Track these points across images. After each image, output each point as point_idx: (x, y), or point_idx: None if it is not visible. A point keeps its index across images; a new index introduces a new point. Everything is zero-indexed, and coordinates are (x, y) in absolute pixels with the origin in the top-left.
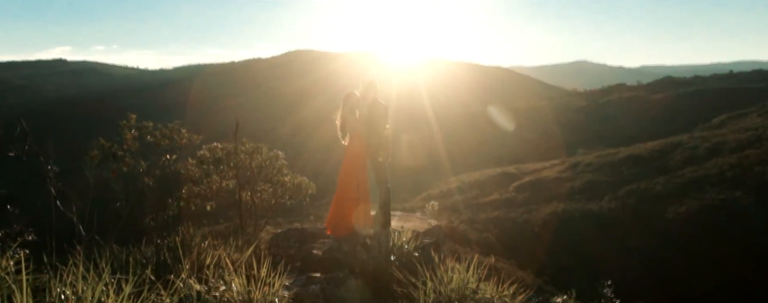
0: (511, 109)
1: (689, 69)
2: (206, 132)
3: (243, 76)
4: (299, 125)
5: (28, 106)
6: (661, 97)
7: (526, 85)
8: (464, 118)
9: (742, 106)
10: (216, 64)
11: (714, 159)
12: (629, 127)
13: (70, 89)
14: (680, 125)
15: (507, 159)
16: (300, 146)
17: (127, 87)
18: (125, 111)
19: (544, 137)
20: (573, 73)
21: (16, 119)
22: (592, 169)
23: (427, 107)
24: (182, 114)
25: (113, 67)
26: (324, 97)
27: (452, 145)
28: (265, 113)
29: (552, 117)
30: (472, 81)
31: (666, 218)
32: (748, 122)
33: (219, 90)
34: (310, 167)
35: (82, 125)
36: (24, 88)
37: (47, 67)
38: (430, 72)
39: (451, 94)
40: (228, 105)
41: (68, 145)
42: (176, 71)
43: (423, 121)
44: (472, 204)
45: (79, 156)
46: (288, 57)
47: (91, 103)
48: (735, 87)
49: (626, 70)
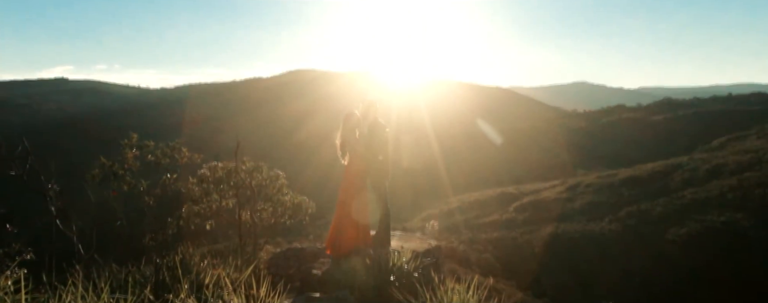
0: (512, 129)
1: (688, 91)
2: (207, 151)
3: (244, 96)
4: (300, 144)
5: (28, 124)
6: (660, 118)
7: (526, 105)
8: (464, 138)
9: (741, 128)
10: (217, 84)
11: (714, 181)
12: (629, 148)
13: (71, 108)
14: (680, 147)
15: (507, 179)
16: (301, 165)
17: (127, 106)
18: (126, 130)
19: (544, 157)
20: (572, 93)
21: (16, 138)
22: (593, 190)
23: (427, 127)
24: (183, 133)
25: (114, 85)
26: (324, 117)
27: (452, 164)
28: (266, 132)
29: (552, 137)
30: (472, 101)
31: (667, 240)
32: (747, 144)
33: (220, 109)
34: (310, 186)
35: (82, 144)
36: (25, 107)
37: (49, 85)
38: (430, 92)
39: (452, 115)
40: (229, 124)
41: (69, 163)
42: (177, 90)
43: (423, 141)
44: (473, 224)
45: (79, 175)
46: (288, 76)
47: (92, 121)
48: (734, 109)
49: (626, 92)
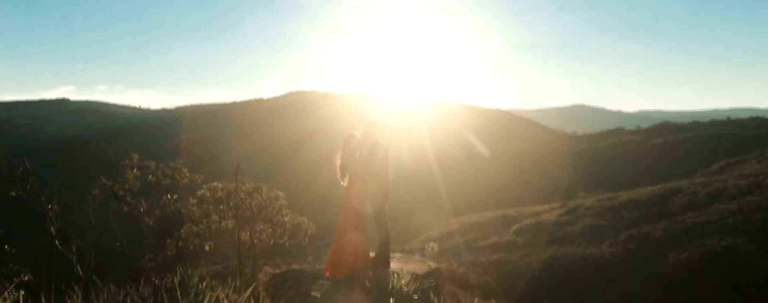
0: (512, 151)
1: (687, 115)
2: (207, 172)
3: (244, 117)
4: (300, 166)
5: (30, 145)
6: (660, 141)
7: (526, 127)
8: (465, 160)
9: (740, 153)
10: (217, 104)
11: (714, 205)
12: (629, 170)
13: (72, 129)
14: (680, 170)
15: (507, 201)
16: (300, 187)
17: (128, 126)
18: (127, 150)
19: (544, 180)
20: (572, 116)
21: (18, 159)
22: (593, 212)
23: (427, 149)
24: (183, 153)
25: (115, 106)
26: (325, 139)
27: (452, 186)
28: (266, 153)
29: (552, 160)
30: (472, 123)
31: (667, 264)
32: (747, 169)
33: (220, 130)
34: (310, 208)
35: (83, 165)
36: (26, 128)
37: (50, 106)
38: (430, 114)
39: (452, 136)
40: (229, 145)
41: (70, 184)
42: (178, 111)
43: (423, 163)
44: (472, 246)
45: (80, 195)
46: (289, 98)
47: (93, 142)
48: (733, 133)
49: (625, 115)
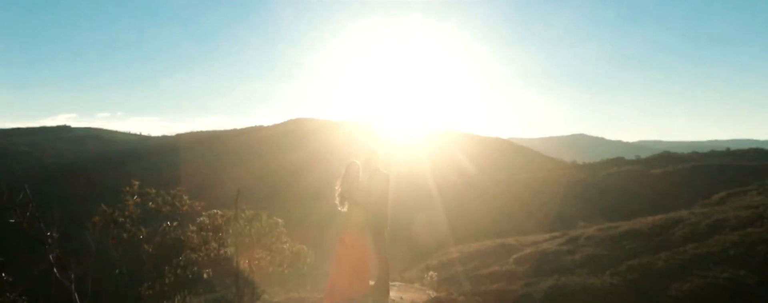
0: (512, 179)
1: (686, 145)
2: (207, 198)
3: (244, 144)
4: (300, 193)
5: (30, 172)
6: (659, 171)
7: (525, 156)
8: (465, 188)
9: (741, 184)
10: (218, 131)
11: (716, 236)
12: (629, 200)
13: (72, 155)
14: (680, 200)
15: (507, 230)
16: (301, 214)
17: (129, 153)
18: (127, 177)
19: (544, 208)
20: (572, 145)
21: (18, 185)
22: (593, 242)
23: (427, 176)
24: (184, 180)
25: (116, 133)
26: (325, 166)
27: (453, 214)
28: (266, 180)
29: (552, 188)
30: (472, 151)
31: (669, 295)
32: (748, 200)
33: (221, 157)
34: (310, 236)
35: (83, 191)
36: (26, 155)
37: (51, 133)
38: (430, 142)
39: (452, 164)
40: (229, 171)
41: (70, 211)
42: (178, 138)
43: (424, 191)
44: (472, 275)
45: (80, 222)
46: (289, 125)
47: (94, 169)
48: (733, 164)
49: (624, 145)
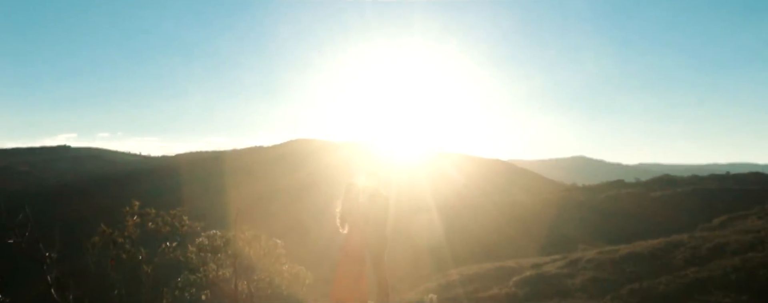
0: (512, 202)
1: (686, 168)
2: (207, 219)
3: (244, 164)
4: (300, 214)
5: (29, 192)
6: (659, 194)
7: (525, 178)
8: (465, 210)
9: (741, 208)
10: (217, 152)
11: (717, 260)
12: (629, 223)
13: (72, 175)
14: (680, 223)
15: (507, 252)
16: (300, 236)
17: (129, 173)
18: (127, 197)
19: (544, 231)
20: (572, 167)
21: (17, 206)
22: (594, 265)
23: (428, 198)
24: (183, 200)
25: (116, 153)
26: (325, 187)
27: (453, 236)
28: (266, 201)
29: (552, 211)
30: (472, 173)
31: None
32: (748, 224)
33: (220, 177)
34: (310, 257)
35: (83, 211)
36: (26, 174)
37: (51, 153)
38: (430, 163)
39: (452, 186)
40: (229, 192)
41: (69, 231)
42: (178, 158)
43: (423, 212)
44: (472, 298)
45: (79, 242)
46: (289, 146)
47: (93, 189)
48: (733, 188)
49: (624, 167)
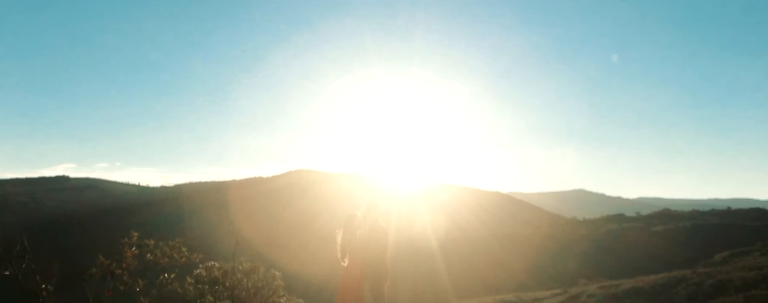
0: (512, 234)
1: (686, 203)
2: (206, 250)
3: (243, 195)
4: (299, 246)
5: (26, 222)
6: (661, 229)
7: (526, 210)
8: (465, 242)
9: (743, 244)
10: (216, 182)
11: (720, 297)
12: (630, 258)
13: (70, 206)
14: (682, 259)
15: (508, 285)
16: (299, 267)
17: (127, 204)
18: (125, 228)
19: (545, 264)
20: (572, 200)
21: (14, 237)
22: (595, 300)
23: (427, 230)
24: (182, 231)
25: (114, 183)
26: (325, 218)
27: (453, 269)
28: (265, 232)
29: (553, 244)
30: (472, 205)
31: None
32: (751, 261)
33: (219, 208)
34: (309, 289)
35: (81, 242)
36: (23, 205)
37: (49, 183)
38: (430, 195)
39: (452, 218)
40: (228, 223)
41: (67, 262)
42: (177, 188)
43: (423, 245)
44: None
45: (78, 273)
46: (288, 177)
47: (92, 219)
48: (734, 223)
49: (625, 201)
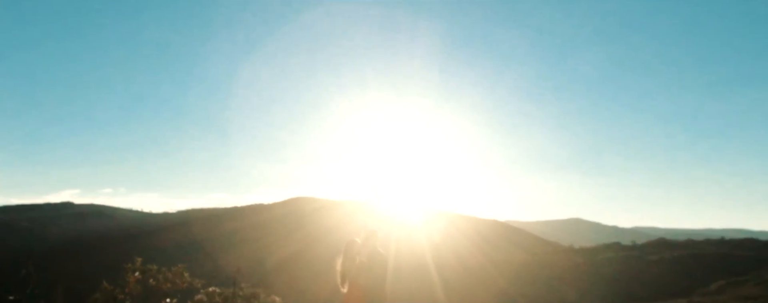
0: (509, 262)
1: (681, 232)
2: (208, 276)
3: (245, 221)
4: (299, 273)
5: (31, 248)
6: (656, 258)
7: (522, 238)
8: (462, 270)
9: (737, 274)
10: (218, 209)
11: None
12: (627, 286)
13: (74, 232)
14: (678, 288)
15: None
16: (300, 294)
17: (130, 229)
18: (127, 254)
19: (542, 292)
20: (568, 229)
21: (19, 262)
22: None
23: (427, 258)
24: (184, 258)
25: (118, 209)
26: (325, 245)
27: (452, 296)
28: (266, 258)
29: (550, 272)
30: (469, 233)
31: None
32: (745, 291)
33: (221, 234)
34: None
35: (84, 268)
36: (27, 231)
37: (54, 209)
38: (429, 223)
39: (450, 246)
40: (230, 249)
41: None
42: (179, 214)
43: (423, 272)
44: None
45: (81, 299)
46: (290, 204)
47: (95, 245)
48: (729, 253)
49: (620, 230)
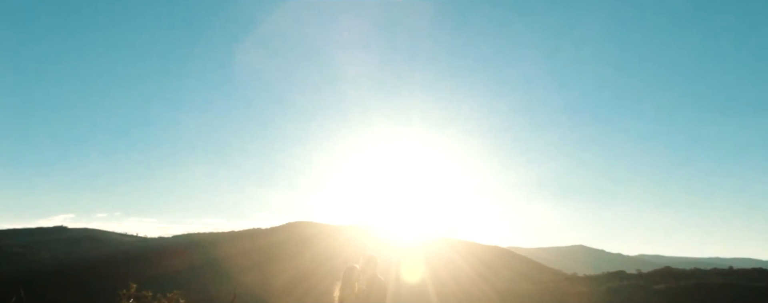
0: (511, 289)
1: (688, 261)
2: (204, 301)
3: (242, 246)
4: (298, 298)
5: (23, 273)
6: (663, 287)
7: (525, 266)
8: (463, 295)
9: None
10: (215, 233)
11: None
12: None
13: (67, 256)
14: None
15: None
16: None
17: (124, 254)
18: (122, 279)
19: None
20: (572, 256)
21: (11, 287)
22: None
23: (427, 284)
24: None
25: (112, 234)
26: (323, 271)
27: None
28: (263, 284)
29: (553, 300)
30: (470, 259)
31: None
32: None
33: (218, 259)
34: None
35: (77, 293)
36: (20, 256)
37: (46, 234)
38: (429, 249)
39: (450, 271)
40: (226, 274)
41: None
42: (175, 239)
43: (422, 298)
44: None
45: None
46: (288, 229)
47: (88, 270)
48: (737, 283)
49: (625, 258)
